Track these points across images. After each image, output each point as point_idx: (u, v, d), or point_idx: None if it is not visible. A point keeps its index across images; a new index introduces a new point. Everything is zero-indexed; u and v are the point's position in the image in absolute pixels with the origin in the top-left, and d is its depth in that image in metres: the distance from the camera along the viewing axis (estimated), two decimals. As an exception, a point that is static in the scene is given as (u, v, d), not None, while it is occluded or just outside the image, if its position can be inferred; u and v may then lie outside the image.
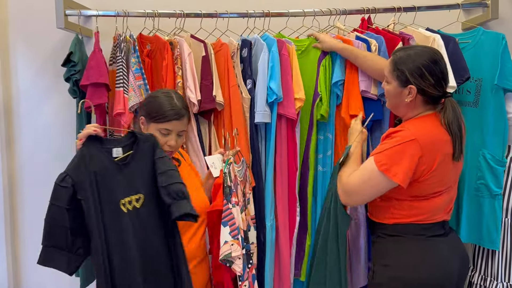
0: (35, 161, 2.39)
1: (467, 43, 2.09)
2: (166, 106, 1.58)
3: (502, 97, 1.98)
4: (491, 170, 1.99)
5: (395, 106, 1.62)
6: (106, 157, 1.32)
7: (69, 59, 2.04)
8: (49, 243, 1.24)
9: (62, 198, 1.22)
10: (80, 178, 1.25)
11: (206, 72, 2.00)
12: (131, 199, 1.34)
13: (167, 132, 1.57)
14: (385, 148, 1.50)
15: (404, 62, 1.53)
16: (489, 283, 2.06)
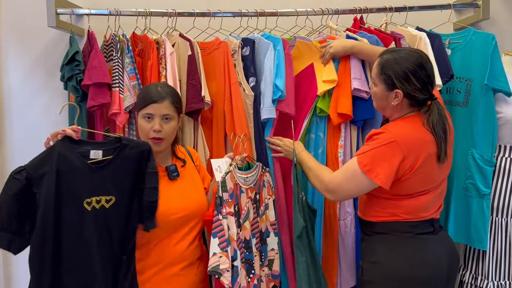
0: (26, 160, 2.36)
1: (458, 43, 2.10)
2: (147, 91, 1.61)
3: (492, 97, 1.99)
4: (480, 170, 2.01)
5: (382, 107, 1.63)
6: (77, 158, 1.40)
7: (74, 58, 2.02)
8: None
9: (12, 188, 1.34)
10: (38, 173, 1.36)
11: (192, 72, 1.99)
12: (100, 198, 1.42)
13: (149, 116, 1.57)
14: (367, 150, 1.52)
15: (390, 66, 1.53)
16: (480, 282, 2.07)
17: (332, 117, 2.02)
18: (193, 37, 2.12)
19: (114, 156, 1.44)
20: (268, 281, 1.83)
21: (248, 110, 2.04)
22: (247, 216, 1.75)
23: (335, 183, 1.59)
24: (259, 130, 2.03)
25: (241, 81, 2.03)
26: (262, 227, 1.83)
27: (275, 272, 1.83)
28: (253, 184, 1.79)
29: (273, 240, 1.84)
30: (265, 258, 1.83)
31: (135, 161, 1.46)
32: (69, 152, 1.40)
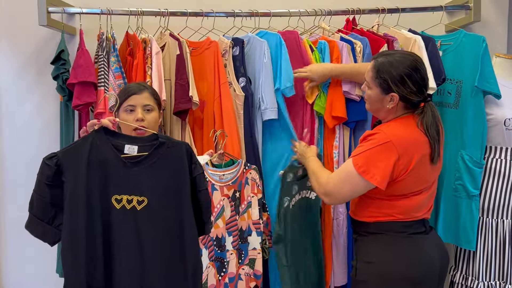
0: (17, 159, 2.36)
1: (449, 45, 2.11)
2: (126, 87, 1.63)
3: (482, 99, 1.99)
4: (469, 171, 2.02)
5: (376, 110, 1.63)
6: (111, 150, 1.32)
7: (60, 57, 2.02)
8: (31, 211, 1.32)
9: (44, 174, 1.29)
10: (69, 161, 1.29)
11: (180, 72, 1.99)
12: (132, 198, 1.32)
13: (131, 108, 1.55)
14: (362, 151, 1.52)
15: (386, 70, 1.53)
16: (470, 282, 2.08)
17: (327, 121, 2.03)
18: (186, 37, 2.12)
19: (150, 154, 1.34)
20: (248, 279, 1.83)
21: (238, 110, 2.04)
22: (220, 214, 1.75)
23: (332, 185, 1.59)
24: (250, 131, 2.03)
25: (232, 81, 2.03)
26: (243, 225, 1.83)
27: (257, 272, 1.83)
28: (232, 181, 1.79)
29: (255, 239, 1.83)
30: (245, 257, 1.83)
31: (172, 161, 1.35)
32: (103, 143, 1.32)
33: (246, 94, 2.02)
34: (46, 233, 1.32)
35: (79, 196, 1.29)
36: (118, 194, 1.31)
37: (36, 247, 2.36)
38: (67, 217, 1.29)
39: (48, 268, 2.33)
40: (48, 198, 1.29)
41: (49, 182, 1.29)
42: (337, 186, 1.58)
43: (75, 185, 1.29)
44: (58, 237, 1.32)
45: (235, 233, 1.80)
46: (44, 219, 1.30)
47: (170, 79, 2.06)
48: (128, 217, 1.32)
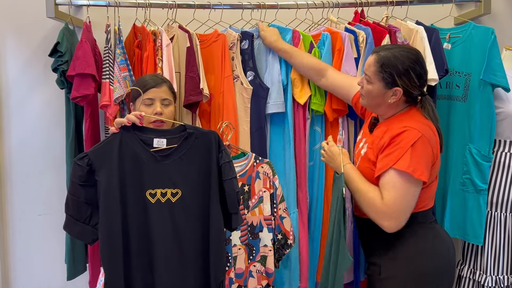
0: (24, 153, 2.37)
1: (458, 37, 2.09)
2: (143, 79, 1.63)
3: (490, 92, 1.97)
4: (477, 165, 2.00)
5: (375, 105, 1.60)
6: (140, 145, 1.33)
7: (56, 49, 2.02)
8: (68, 212, 1.33)
9: (77, 174, 1.30)
10: (100, 160, 1.30)
11: (191, 64, 1.98)
12: (166, 191, 1.34)
13: (150, 102, 1.56)
14: (401, 154, 1.46)
15: (391, 64, 1.50)
16: (478, 277, 2.07)
17: (328, 113, 2.04)
18: (193, 29, 2.11)
19: (179, 145, 1.35)
20: (260, 277, 1.81)
21: (246, 104, 2.04)
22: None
23: (397, 206, 1.46)
24: (257, 124, 2.03)
25: (239, 74, 2.03)
26: (254, 221, 1.80)
27: (268, 270, 1.80)
28: (240, 174, 1.76)
29: (266, 236, 1.79)
30: (256, 253, 1.80)
31: (202, 151, 1.36)
32: (131, 138, 1.33)
33: (254, 88, 2.02)
34: (84, 233, 1.33)
35: (113, 193, 1.29)
36: (151, 188, 1.32)
37: (43, 238, 2.39)
38: (102, 215, 1.30)
39: (56, 259, 2.35)
40: (82, 198, 1.31)
41: (82, 183, 1.30)
42: (401, 203, 1.46)
43: (109, 183, 1.29)
44: (96, 235, 1.33)
45: (243, 228, 1.77)
46: (80, 219, 1.32)
47: (179, 71, 2.06)
48: (164, 210, 1.33)
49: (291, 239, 1.78)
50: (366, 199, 1.51)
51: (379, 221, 1.50)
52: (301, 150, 2.06)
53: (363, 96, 1.62)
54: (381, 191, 1.49)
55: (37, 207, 2.39)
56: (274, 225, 1.80)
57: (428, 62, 1.90)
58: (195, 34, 2.04)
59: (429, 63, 1.89)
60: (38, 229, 2.40)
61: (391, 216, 1.47)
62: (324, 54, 2.03)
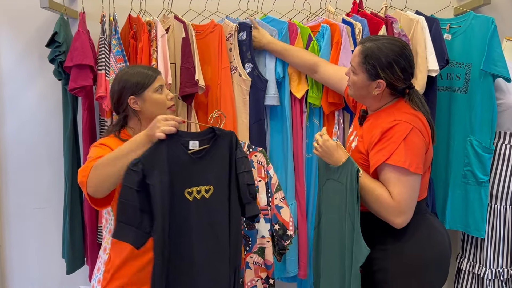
0: (20, 146, 2.35)
1: (458, 28, 2.07)
2: (144, 69, 1.58)
3: (491, 83, 1.96)
4: (478, 157, 1.99)
5: (361, 97, 1.58)
6: (180, 148, 1.42)
7: (54, 39, 2.00)
8: (122, 219, 1.36)
9: (132, 180, 1.34)
10: (151, 165, 1.36)
11: (186, 55, 1.96)
12: (200, 189, 1.44)
13: (161, 88, 1.57)
14: (394, 149, 1.44)
15: (375, 56, 1.48)
16: (478, 270, 2.06)
17: (324, 107, 2.02)
18: (189, 19, 2.09)
19: (210, 146, 1.46)
20: (258, 269, 1.79)
21: (244, 95, 2.02)
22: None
23: (405, 201, 1.43)
24: (256, 116, 2.02)
25: (237, 65, 2.00)
26: None
27: (267, 262, 1.77)
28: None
29: (263, 226, 1.76)
30: (253, 244, 1.78)
31: (225, 149, 1.48)
32: (175, 143, 1.41)
33: (252, 80, 2.00)
34: (138, 238, 1.37)
35: (166, 196, 1.37)
36: (189, 187, 1.42)
37: (38, 232, 2.38)
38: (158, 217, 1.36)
39: (52, 253, 2.33)
40: (137, 204, 1.35)
41: (138, 188, 1.34)
42: (409, 198, 1.44)
43: (162, 186, 1.36)
44: (145, 240, 1.38)
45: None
46: (134, 224, 1.36)
47: (175, 62, 2.03)
48: (200, 206, 1.43)
49: (291, 229, 1.73)
50: (374, 196, 1.46)
51: (390, 218, 1.46)
52: (298, 143, 2.06)
53: (350, 86, 1.60)
54: (386, 187, 1.46)
55: (33, 200, 2.37)
56: (270, 215, 1.78)
57: (429, 52, 1.88)
58: (190, 25, 2.01)
59: (429, 53, 1.88)
60: (34, 222, 2.39)
61: (403, 212, 1.44)
62: (323, 47, 2.00)
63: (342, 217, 1.51)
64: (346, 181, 1.48)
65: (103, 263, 1.60)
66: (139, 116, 1.56)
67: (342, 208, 1.51)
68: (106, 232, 1.67)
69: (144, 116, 1.56)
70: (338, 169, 1.52)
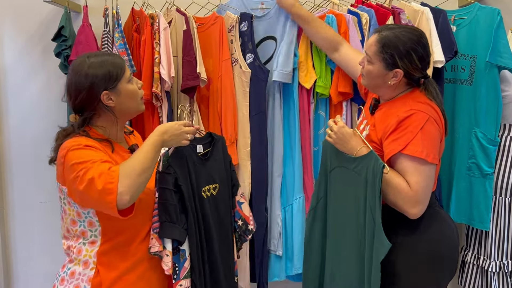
0: (23, 140, 2.36)
1: (463, 19, 2.05)
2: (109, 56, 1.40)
3: (497, 75, 1.95)
4: (483, 149, 1.98)
5: (375, 86, 1.57)
6: (193, 151, 1.54)
7: (60, 33, 1.99)
8: (166, 219, 1.42)
9: (169, 182, 1.42)
10: (179, 167, 1.46)
11: (187, 47, 1.95)
12: (210, 187, 1.55)
13: (131, 78, 1.42)
14: (410, 139, 1.42)
15: (393, 45, 1.47)
16: (482, 262, 2.06)
17: (333, 96, 2.00)
18: (193, 13, 2.08)
19: (211, 149, 1.59)
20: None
21: (244, 88, 2.01)
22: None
23: (421, 190, 1.42)
24: (256, 108, 2.00)
25: (238, 57, 1.99)
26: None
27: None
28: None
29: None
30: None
31: (221, 152, 1.63)
32: (189, 146, 1.50)
33: (253, 71, 1.99)
34: (181, 234, 1.43)
35: (191, 195, 1.48)
36: (203, 186, 1.53)
37: (42, 226, 2.39)
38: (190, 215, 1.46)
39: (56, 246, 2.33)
40: (176, 202, 1.43)
41: (174, 188, 1.42)
42: (425, 188, 1.43)
43: (187, 186, 1.47)
44: (185, 235, 1.45)
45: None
46: (176, 222, 1.42)
47: (177, 55, 2.03)
48: (212, 203, 1.55)
49: (252, 224, 1.73)
50: (391, 185, 1.44)
51: (406, 208, 1.44)
52: (306, 135, 2.05)
53: (364, 76, 1.58)
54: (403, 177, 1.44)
55: (38, 195, 2.38)
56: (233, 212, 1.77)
57: (434, 44, 1.86)
58: (192, 17, 2.01)
59: (435, 44, 1.86)
60: (39, 217, 2.40)
61: (419, 201, 1.43)
62: None
63: (360, 209, 1.49)
64: (366, 174, 1.45)
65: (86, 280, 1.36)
66: (114, 113, 1.38)
67: (360, 200, 1.49)
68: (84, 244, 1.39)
69: (119, 112, 1.40)
70: (356, 159, 1.49)
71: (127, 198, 1.24)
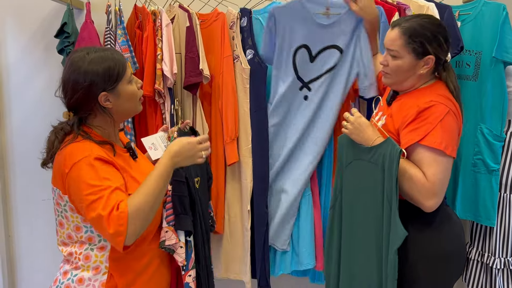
0: (26, 137, 2.36)
1: (467, 15, 2.03)
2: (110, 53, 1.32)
3: (502, 70, 1.93)
4: (489, 145, 1.96)
5: (403, 80, 1.54)
6: None
7: (63, 30, 1.99)
8: (181, 211, 1.45)
9: (182, 175, 1.47)
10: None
11: (190, 44, 1.95)
12: (197, 180, 1.61)
13: (132, 78, 1.36)
14: (429, 130, 1.41)
15: (420, 33, 1.47)
16: (486, 259, 2.04)
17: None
18: (196, 9, 2.08)
19: None
20: None
21: (245, 84, 2.00)
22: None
23: (438, 182, 1.40)
24: (257, 105, 1.99)
25: (239, 54, 1.98)
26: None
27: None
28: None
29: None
30: None
31: None
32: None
33: (252, 67, 1.97)
34: (194, 225, 1.49)
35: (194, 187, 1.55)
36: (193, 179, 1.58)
37: (46, 223, 2.39)
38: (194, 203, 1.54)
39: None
40: (187, 195, 1.48)
41: (184, 181, 1.47)
42: (442, 179, 1.41)
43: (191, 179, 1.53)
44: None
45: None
46: (187, 213, 1.47)
47: (180, 52, 2.02)
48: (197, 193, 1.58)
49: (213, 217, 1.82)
50: (407, 175, 1.42)
51: (421, 200, 1.42)
52: None
53: (388, 74, 1.56)
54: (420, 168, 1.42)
55: (41, 192, 2.38)
56: None
57: None
58: (194, 13, 2.00)
59: None
60: (43, 214, 2.40)
61: (435, 194, 1.41)
62: None
63: (378, 200, 1.47)
64: (383, 162, 1.43)
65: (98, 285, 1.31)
66: (110, 114, 1.33)
67: (377, 190, 1.47)
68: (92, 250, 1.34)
69: (116, 114, 1.34)
70: (372, 149, 1.48)
71: (135, 238, 1.23)
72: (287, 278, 2.26)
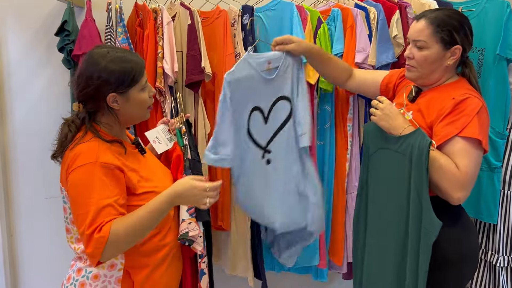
0: (28, 135, 2.36)
1: (471, 11, 2.02)
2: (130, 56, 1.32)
3: (505, 68, 1.92)
4: (491, 143, 1.95)
5: (429, 72, 1.52)
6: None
7: (63, 28, 1.99)
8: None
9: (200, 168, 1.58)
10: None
11: (192, 42, 1.94)
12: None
13: (146, 86, 1.36)
14: (467, 122, 1.40)
15: (447, 22, 1.47)
16: (490, 257, 2.04)
17: (341, 91, 1.98)
18: (197, 7, 2.07)
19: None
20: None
21: None
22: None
23: (470, 175, 1.38)
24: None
25: (240, 52, 1.98)
26: None
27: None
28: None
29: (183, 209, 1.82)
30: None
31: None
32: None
33: None
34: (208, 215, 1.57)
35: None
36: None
37: (48, 222, 2.39)
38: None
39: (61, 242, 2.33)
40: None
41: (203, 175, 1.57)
42: (474, 172, 1.40)
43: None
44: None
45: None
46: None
47: (181, 50, 2.02)
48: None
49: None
50: (437, 164, 1.38)
51: (451, 191, 1.39)
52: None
53: (414, 68, 1.53)
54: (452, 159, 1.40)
55: (43, 190, 2.38)
56: None
57: None
58: (196, 11, 2.00)
59: None
60: (45, 212, 2.40)
61: (465, 186, 1.39)
62: (337, 31, 1.96)
63: (403, 190, 1.44)
64: (411, 153, 1.40)
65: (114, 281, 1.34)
66: (116, 115, 1.34)
67: (403, 180, 1.44)
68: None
69: (122, 116, 1.35)
70: (400, 139, 1.45)
71: (104, 263, 1.30)
72: (289, 276, 2.25)
